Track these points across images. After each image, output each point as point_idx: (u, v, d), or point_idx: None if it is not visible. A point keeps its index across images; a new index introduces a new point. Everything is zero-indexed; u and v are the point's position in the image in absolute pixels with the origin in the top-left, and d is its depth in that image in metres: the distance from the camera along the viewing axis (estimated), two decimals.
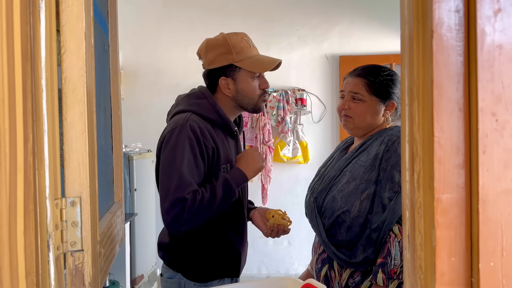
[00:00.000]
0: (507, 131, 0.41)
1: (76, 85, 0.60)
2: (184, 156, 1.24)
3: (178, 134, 1.26)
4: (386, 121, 1.30)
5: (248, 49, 1.36)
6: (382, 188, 1.17)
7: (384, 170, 1.18)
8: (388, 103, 1.28)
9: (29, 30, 0.50)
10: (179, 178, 1.22)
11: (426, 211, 0.43)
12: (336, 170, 1.30)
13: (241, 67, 1.34)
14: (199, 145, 1.26)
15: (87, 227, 0.60)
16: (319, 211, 1.29)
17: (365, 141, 1.29)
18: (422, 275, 0.44)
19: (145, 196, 3.19)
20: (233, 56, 1.34)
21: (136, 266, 2.95)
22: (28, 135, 0.49)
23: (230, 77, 1.36)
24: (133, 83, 3.69)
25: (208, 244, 1.34)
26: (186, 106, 1.36)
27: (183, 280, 1.34)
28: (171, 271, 1.36)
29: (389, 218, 1.13)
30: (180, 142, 1.25)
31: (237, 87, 1.37)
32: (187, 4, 3.66)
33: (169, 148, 1.26)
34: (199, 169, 1.27)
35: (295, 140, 3.64)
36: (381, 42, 3.57)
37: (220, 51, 1.35)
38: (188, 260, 1.34)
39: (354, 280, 1.20)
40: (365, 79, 1.28)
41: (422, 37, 0.43)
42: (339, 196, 1.23)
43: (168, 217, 1.23)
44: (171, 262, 1.37)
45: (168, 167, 1.25)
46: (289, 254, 3.72)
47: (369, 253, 1.16)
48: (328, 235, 1.24)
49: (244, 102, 1.38)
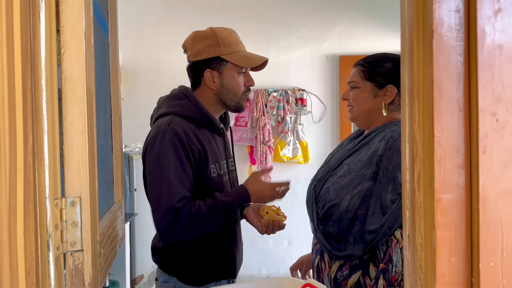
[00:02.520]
0: (507, 131, 0.41)
1: (76, 85, 0.60)
2: (170, 163, 1.20)
3: (162, 139, 1.22)
4: (385, 107, 1.24)
5: (236, 44, 1.34)
6: (382, 188, 1.13)
7: (386, 169, 1.14)
8: (386, 87, 1.23)
9: (29, 30, 0.50)
10: (167, 186, 1.19)
11: (426, 211, 0.43)
12: (337, 160, 1.29)
13: (228, 61, 1.31)
14: (184, 149, 1.23)
15: (87, 227, 0.60)
16: (315, 199, 1.28)
17: (369, 133, 1.26)
18: (422, 275, 0.44)
19: (145, 196, 3.18)
20: (221, 49, 1.30)
21: (136, 266, 2.95)
22: (28, 135, 0.49)
23: (216, 70, 1.33)
24: (133, 83, 3.68)
25: (202, 247, 1.32)
26: (168, 109, 1.32)
27: (178, 284, 1.31)
28: (166, 275, 1.34)
29: (390, 222, 1.10)
30: (164, 148, 1.21)
31: (222, 81, 1.33)
32: (187, 4, 3.66)
33: (154, 155, 1.23)
34: (187, 173, 1.24)
35: (295, 140, 3.64)
36: (381, 42, 3.57)
37: (207, 43, 1.32)
38: (182, 263, 1.32)
39: (342, 273, 1.19)
40: (360, 66, 1.27)
41: (422, 37, 0.43)
42: (332, 189, 1.22)
43: (161, 226, 1.20)
44: (165, 266, 1.35)
45: (155, 176, 1.22)
46: (289, 254, 3.72)
47: (355, 250, 1.14)
48: (320, 224, 1.24)
49: (227, 97, 1.35)
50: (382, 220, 1.12)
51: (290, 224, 3.77)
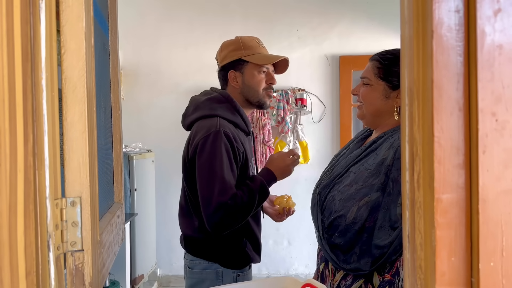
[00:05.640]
0: (507, 131, 0.41)
1: (76, 85, 0.60)
2: (223, 162, 1.32)
3: (214, 140, 1.34)
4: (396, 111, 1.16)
5: (256, 47, 1.49)
6: (392, 201, 1.07)
7: (396, 180, 1.07)
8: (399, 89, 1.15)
9: (29, 30, 0.50)
10: (220, 183, 1.31)
11: (426, 211, 0.43)
12: (342, 167, 1.24)
13: (248, 61, 1.46)
14: (233, 150, 1.36)
15: (87, 227, 0.60)
16: (320, 207, 1.23)
17: (377, 138, 1.19)
18: (422, 275, 0.44)
19: (145, 196, 3.19)
20: (242, 52, 1.46)
21: (136, 266, 2.95)
22: (28, 135, 0.49)
23: (238, 71, 1.48)
24: (133, 83, 3.69)
25: (239, 236, 1.47)
26: (211, 111, 1.43)
27: (221, 269, 1.45)
28: (206, 262, 1.46)
29: (399, 239, 1.02)
30: (217, 149, 1.33)
31: (244, 79, 1.48)
32: (187, 4, 3.66)
33: (206, 154, 1.34)
34: (234, 172, 1.37)
35: (295, 140, 3.64)
36: (381, 42, 3.57)
37: (231, 48, 1.49)
38: (225, 251, 1.46)
39: (346, 282, 1.16)
40: (376, 62, 1.19)
41: (422, 37, 0.43)
42: (338, 198, 1.17)
43: (212, 221, 1.32)
44: (205, 254, 1.46)
45: (208, 173, 1.33)
46: (289, 254, 3.72)
47: (362, 264, 1.10)
48: (326, 233, 1.20)
49: (249, 95, 1.49)
50: (391, 236, 1.06)
51: (290, 224, 3.77)
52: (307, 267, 3.72)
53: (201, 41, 3.58)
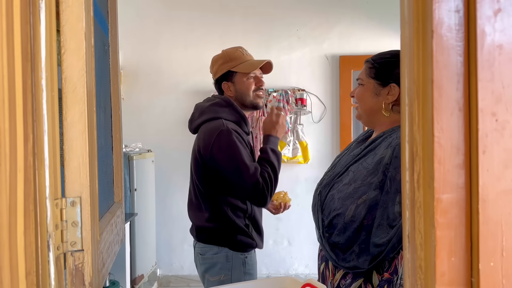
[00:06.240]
0: (507, 131, 0.41)
1: (76, 85, 0.60)
2: (240, 150, 1.55)
3: (226, 135, 1.56)
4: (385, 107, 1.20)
5: (241, 57, 1.69)
6: (389, 199, 1.07)
7: (393, 179, 1.08)
8: (390, 86, 1.18)
9: (29, 30, 0.50)
10: (246, 167, 1.53)
11: (426, 211, 0.43)
12: (342, 166, 1.26)
13: (236, 71, 1.67)
14: (241, 142, 1.58)
15: (87, 227, 0.60)
16: (321, 206, 1.25)
17: (376, 138, 1.22)
18: (422, 275, 0.44)
19: (145, 196, 3.19)
20: (229, 64, 1.67)
21: (136, 266, 2.95)
22: (28, 135, 0.49)
23: (230, 81, 1.69)
24: (133, 83, 3.68)
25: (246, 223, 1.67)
26: (215, 114, 1.64)
27: (230, 252, 1.64)
28: (216, 247, 1.65)
29: (397, 237, 1.04)
30: (231, 141, 1.55)
31: (235, 87, 1.69)
32: (187, 4, 3.66)
33: (225, 148, 1.55)
34: (249, 156, 1.60)
35: (295, 140, 3.64)
36: (381, 42, 3.57)
37: (220, 63, 1.70)
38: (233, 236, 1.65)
39: (345, 282, 1.16)
40: (369, 63, 1.25)
41: (422, 37, 0.43)
42: (337, 197, 1.18)
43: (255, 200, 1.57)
44: (216, 240, 1.66)
45: (233, 163, 1.54)
46: (289, 254, 3.72)
47: (360, 262, 1.10)
48: (326, 232, 1.21)
49: (243, 100, 1.69)
50: (389, 234, 1.06)
51: (290, 224, 3.77)
52: (307, 267, 3.72)
53: (201, 41, 3.58)
